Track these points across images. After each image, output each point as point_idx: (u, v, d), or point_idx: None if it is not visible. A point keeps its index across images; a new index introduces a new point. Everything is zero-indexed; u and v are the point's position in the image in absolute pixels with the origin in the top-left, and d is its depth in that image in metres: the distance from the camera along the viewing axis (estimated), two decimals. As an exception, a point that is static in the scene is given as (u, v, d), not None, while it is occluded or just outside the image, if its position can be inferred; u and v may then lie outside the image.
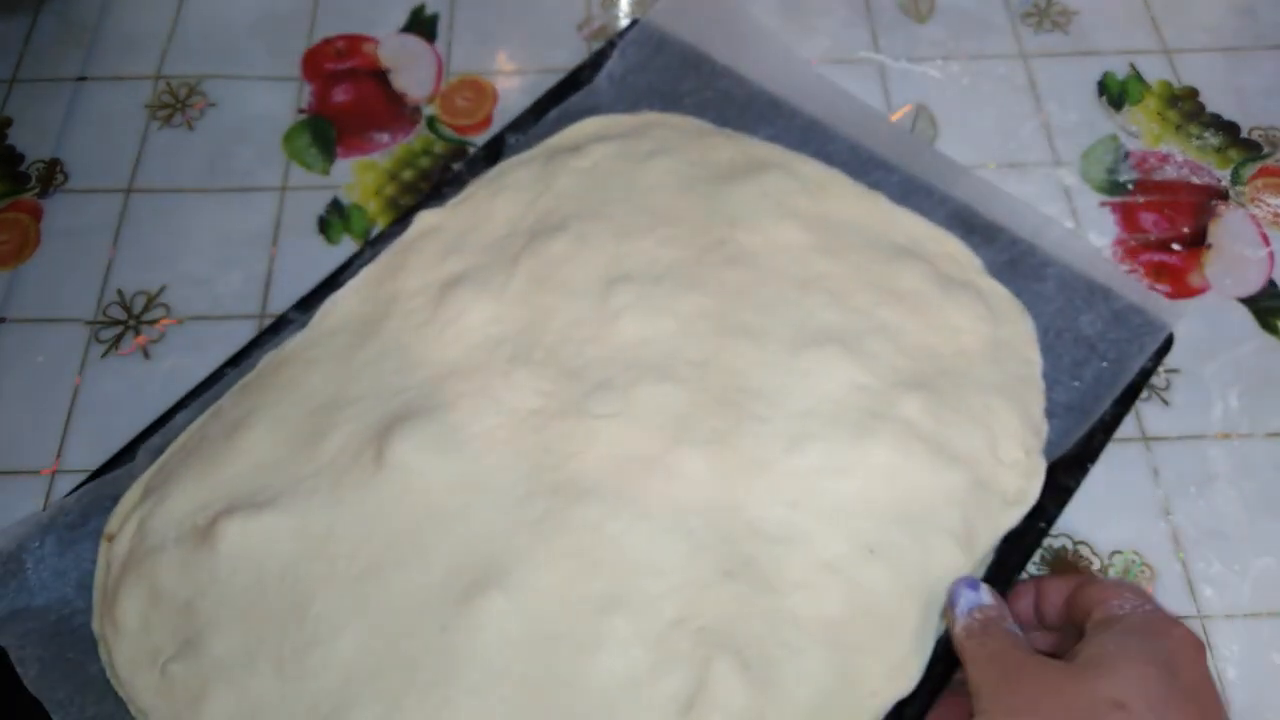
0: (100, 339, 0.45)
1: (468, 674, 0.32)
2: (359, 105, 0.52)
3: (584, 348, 0.38)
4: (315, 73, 0.53)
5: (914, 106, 0.51)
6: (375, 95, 0.52)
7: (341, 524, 0.35)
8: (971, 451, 0.36)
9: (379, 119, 0.51)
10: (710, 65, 0.49)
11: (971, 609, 0.33)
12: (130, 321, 0.45)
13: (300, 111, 0.52)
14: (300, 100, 0.52)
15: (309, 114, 0.52)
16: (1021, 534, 0.36)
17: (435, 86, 0.53)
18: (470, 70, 0.53)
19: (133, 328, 0.45)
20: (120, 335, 0.45)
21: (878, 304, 0.39)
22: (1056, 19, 0.55)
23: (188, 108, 0.52)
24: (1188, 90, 0.52)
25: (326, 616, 0.33)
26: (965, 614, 0.33)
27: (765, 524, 0.35)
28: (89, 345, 0.44)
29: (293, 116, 0.51)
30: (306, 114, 0.52)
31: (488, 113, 0.52)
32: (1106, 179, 0.49)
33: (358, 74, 0.53)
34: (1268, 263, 0.47)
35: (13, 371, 0.44)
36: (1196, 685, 0.29)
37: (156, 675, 0.34)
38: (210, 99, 0.52)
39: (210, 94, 0.52)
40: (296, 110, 0.52)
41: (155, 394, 0.42)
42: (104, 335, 0.45)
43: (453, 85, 0.53)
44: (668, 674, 0.32)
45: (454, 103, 0.52)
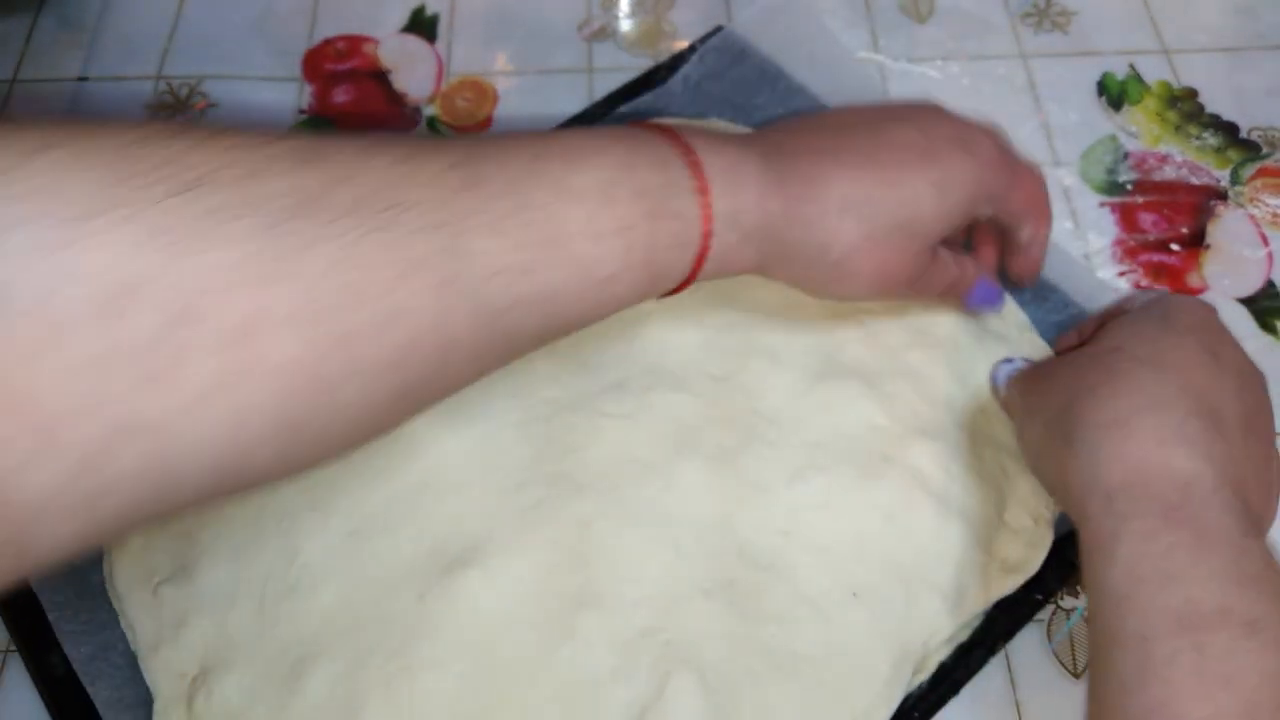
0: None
1: (435, 645, 0.33)
2: (359, 106, 0.52)
3: (607, 345, 0.39)
4: (315, 73, 0.53)
5: (913, 107, 0.51)
6: (376, 96, 0.52)
7: (343, 480, 0.36)
8: (977, 511, 0.36)
9: (380, 119, 0.52)
10: (786, 82, 0.48)
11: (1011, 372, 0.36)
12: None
13: (301, 112, 0.52)
14: (301, 101, 0.52)
15: (309, 114, 0.52)
16: (1016, 602, 0.35)
17: (436, 87, 0.53)
18: (471, 71, 0.53)
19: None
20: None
21: (909, 346, 0.39)
22: (1056, 19, 0.55)
23: (188, 108, 0.52)
24: (1187, 91, 0.52)
25: (312, 567, 0.34)
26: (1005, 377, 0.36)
27: (753, 549, 0.34)
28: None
29: (293, 117, 0.52)
30: (307, 114, 0.52)
31: (488, 113, 0.52)
32: (1106, 179, 0.49)
33: (358, 74, 0.53)
34: (1266, 263, 0.46)
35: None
36: (1194, 325, 0.31)
37: (149, 593, 0.35)
38: (211, 99, 0.52)
39: (211, 94, 0.52)
40: (297, 111, 0.52)
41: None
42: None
43: (453, 86, 0.53)
44: (627, 680, 0.32)
45: (454, 103, 0.52)
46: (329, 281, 0.22)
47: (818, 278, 0.33)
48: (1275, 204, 0.48)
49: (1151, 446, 0.27)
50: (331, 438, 0.25)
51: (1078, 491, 0.28)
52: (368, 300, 0.23)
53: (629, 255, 0.28)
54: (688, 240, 0.29)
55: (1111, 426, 0.28)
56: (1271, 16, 0.54)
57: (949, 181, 0.32)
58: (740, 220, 0.30)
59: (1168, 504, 0.26)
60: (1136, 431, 0.28)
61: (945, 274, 0.36)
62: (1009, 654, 0.37)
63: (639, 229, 0.28)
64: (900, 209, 0.32)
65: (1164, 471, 0.27)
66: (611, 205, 0.27)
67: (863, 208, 0.31)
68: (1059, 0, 0.55)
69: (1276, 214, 0.48)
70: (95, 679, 0.34)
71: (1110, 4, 0.55)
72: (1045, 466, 0.31)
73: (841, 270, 0.32)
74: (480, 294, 0.25)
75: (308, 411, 0.23)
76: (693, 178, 0.29)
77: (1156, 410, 0.28)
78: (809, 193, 0.31)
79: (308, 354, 0.22)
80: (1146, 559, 0.26)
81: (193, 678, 0.33)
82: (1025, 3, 0.55)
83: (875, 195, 0.31)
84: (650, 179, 0.28)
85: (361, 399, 0.24)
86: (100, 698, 0.34)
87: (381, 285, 0.23)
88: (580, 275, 0.27)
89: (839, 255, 0.31)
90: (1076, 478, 0.28)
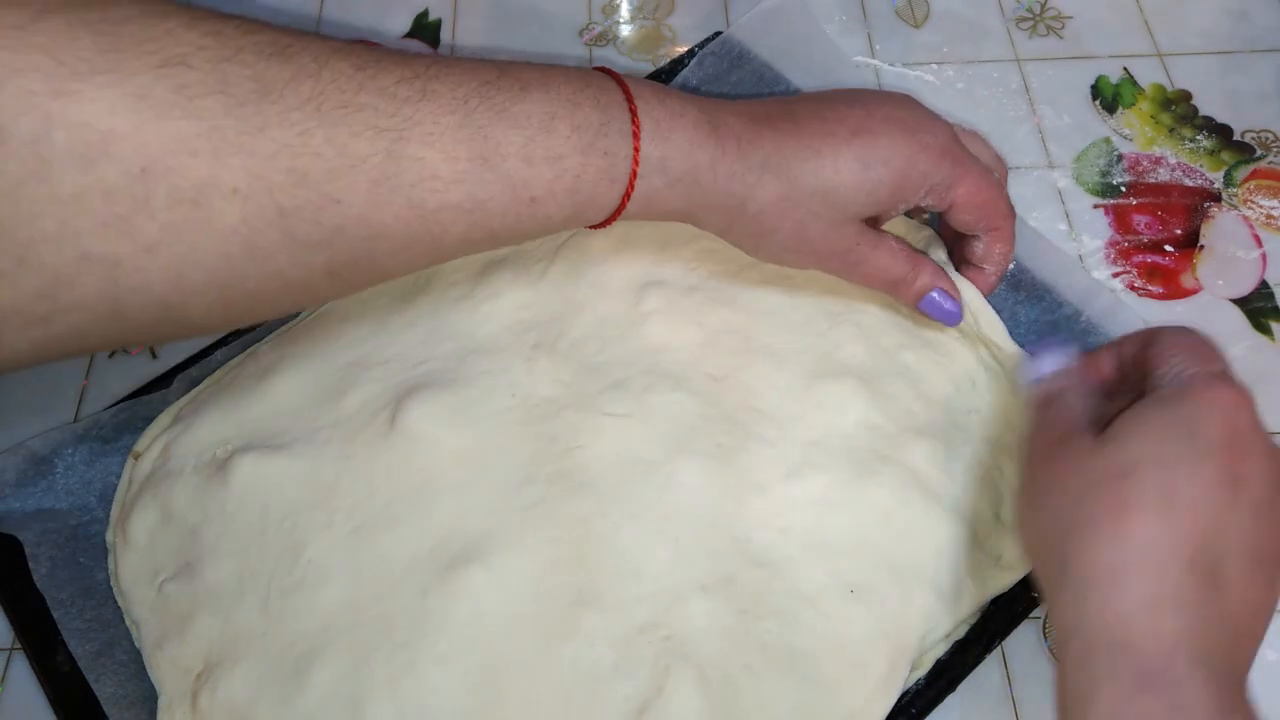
0: (107, 340, 0.45)
1: (438, 642, 0.33)
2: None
3: (607, 345, 0.39)
4: (318, 78, 0.54)
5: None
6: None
7: (347, 478, 0.36)
8: (972, 509, 0.36)
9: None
10: (785, 86, 0.49)
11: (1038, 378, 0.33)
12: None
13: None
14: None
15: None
16: (1012, 599, 0.36)
17: (437, 91, 0.53)
18: (472, 75, 0.54)
19: (139, 329, 0.46)
20: (128, 336, 0.45)
21: (904, 347, 0.39)
22: (1050, 23, 0.55)
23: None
24: (1181, 93, 0.52)
25: (317, 563, 0.35)
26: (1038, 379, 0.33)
27: (751, 546, 0.35)
28: (96, 346, 0.45)
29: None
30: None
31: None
32: (1100, 181, 0.49)
33: (360, 79, 0.54)
34: (1260, 264, 0.47)
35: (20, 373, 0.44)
36: (1217, 442, 0.27)
37: (154, 591, 0.36)
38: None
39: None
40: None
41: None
42: (111, 337, 0.45)
43: (454, 90, 0.53)
44: (628, 676, 0.32)
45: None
46: (277, 163, 0.26)
47: (740, 230, 0.34)
48: (1269, 206, 0.49)
49: (1140, 606, 0.26)
50: (262, 300, 0.28)
51: (1060, 630, 0.27)
52: (308, 185, 0.26)
53: (556, 182, 0.30)
54: (615, 177, 0.31)
55: (1103, 580, 0.27)
56: (1264, 20, 0.55)
57: (873, 156, 0.33)
58: (668, 166, 0.32)
59: (1146, 671, 0.25)
60: (1128, 589, 0.26)
61: (890, 265, 0.36)
62: (1005, 651, 0.37)
63: (570, 160, 0.30)
64: (818, 174, 0.33)
65: (1148, 635, 0.26)
66: (548, 135, 0.30)
67: (780, 168, 0.33)
68: (1053, 4, 0.56)
69: (1270, 215, 0.48)
70: (100, 676, 0.34)
71: (1104, 8, 0.55)
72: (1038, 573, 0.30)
73: (760, 225, 0.34)
74: (411, 195, 0.28)
75: (242, 273, 0.27)
76: (629, 121, 0.31)
77: (1154, 567, 0.26)
78: (736, 149, 0.32)
79: (248, 223, 0.26)
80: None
81: (197, 674, 0.34)
82: (1020, 7, 0.56)
83: (795, 158, 0.33)
84: (590, 116, 0.30)
85: (292, 270, 0.27)
86: (104, 694, 0.34)
87: (322, 173, 0.26)
88: (508, 193, 0.29)
89: (756, 210, 0.33)
90: (1061, 616, 0.27)
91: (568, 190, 0.30)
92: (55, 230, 0.24)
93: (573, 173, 0.30)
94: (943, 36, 0.54)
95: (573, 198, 0.31)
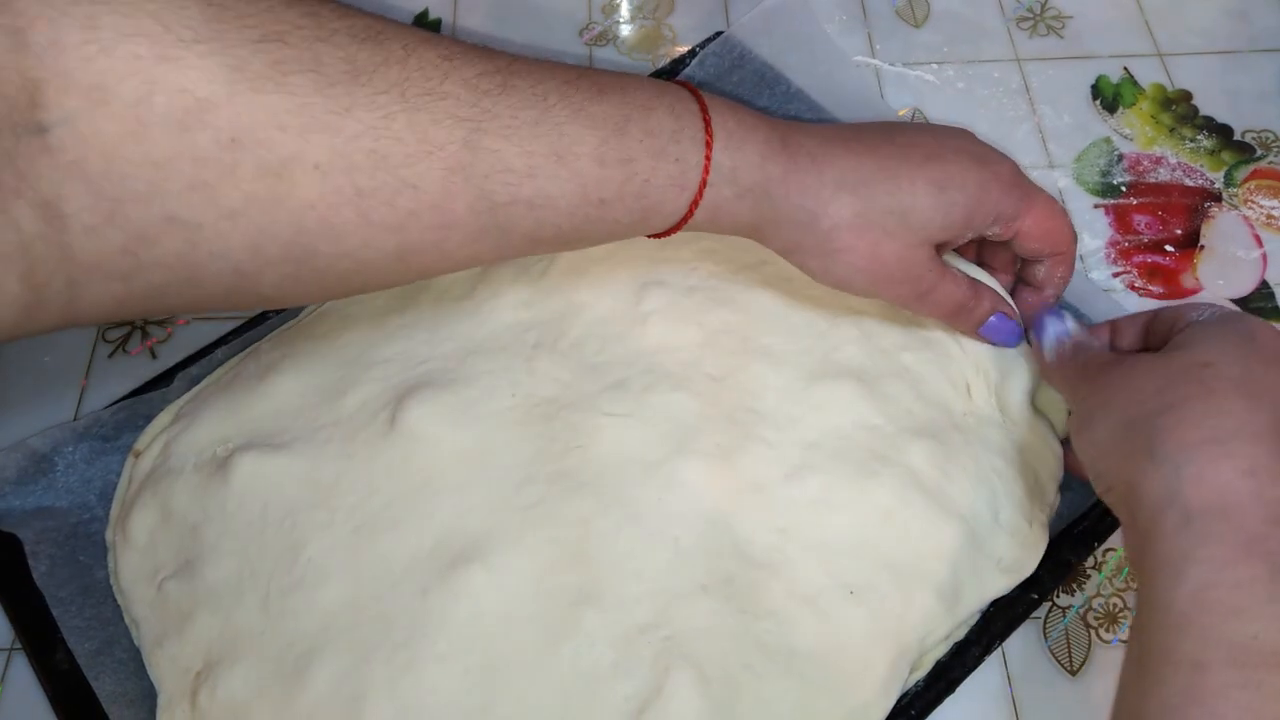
0: (107, 339, 0.45)
1: (437, 641, 0.33)
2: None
3: (607, 345, 0.39)
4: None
5: (909, 110, 0.52)
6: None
7: (347, 478, 0.36)
8: (972, 510, 0.36)
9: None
10: (785, 86, 0.49)
11: (1061, 336, 0.35)
12: (138, 322, 0.45)
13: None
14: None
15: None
16: (1012, 602, 0.36)
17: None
18: (472, 75, 0.54)
19: (140, 328, 0.45)
20: (127, 336, 0.45)
21: (903, 347, 0.39)
22: (1051, 23, 0.55)
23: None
24: (1181, 93, 0.52)
25: (317, 562, 0.35)
26: (1054, 343, 0.35)
27: (751, 546, 0.35)
28: (96, 345, 0.45)
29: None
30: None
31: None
32: (1100, 181, 0.49)
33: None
34: (1260, 264, 0.47)
35: (20, 373, 0.44)
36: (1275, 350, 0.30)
37: (153, 590, 0.36)
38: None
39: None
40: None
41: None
42: (111, 336, 0.45)
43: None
44: (627, 675, 0.32)
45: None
46: (359, 144, 0.26)
47: (809, 249, 0.34)
48: (1269, 205, 0.49)
49: (1242, 473, 0.27)
50: (331, 278, 0.28)
51: (1151, 504, 0.27)
52: (386, 168, 0.27)
53: (626, 185, 0.30)
54: (685, 184, 0.31)
55: (1202, 445, 0.27)
56: (1264, 20, 0.55)
57: (949, 181, 0.33)
58: (739, 177, 0.32)
59: (1250, 535, 0.25)
60: (1228, 456, 0.27)
61: (954, 292, 0.36)
62: (1006, 651, 0.37)
63: (641, 163, 0.30)
64: (895, 195, 0.33)
65: (1252, 502, 0.26)
66: (622, 137, 0.30)
67: (858, 187, 0.33)
68: (1054, 4, 0.56)
69: (1270, 215, 0.48)
70: (99, 674, 0.34)
71: (1104, 8, 0.55)
72: (1110, 467, 0.30)
73: (832, 244, 0.33)
74: (484, 186, 0.28)
75: (315, 249, 0.27)
76: (702, 130, 0.31)
77: (1250, 439, 0.27)
78: (810, 164, 0.32)
79: (325, 199, 0.26)
80: (1218, 587, 0.25)
81: (196, 673, 0.34)
82: (1020, 7, 0.56)
83: (872, 178, 0.33)
84: (664, 122, 0.31)
85: (364, 250, 0.28)
86: (104, 692, 0.34)
87: (401, 158, 0.27)
88: (578, 192, 0.30)
89: (829, 226, 0.33)
90: (1153, 490, 0.27)
91: (636, 194, 0.30)
92: (144, 190, 0.24)
93: (642, 176, 0.30)
94: (943, 36, 0.54)
95: (640, 202, 0.31)
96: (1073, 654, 0.37)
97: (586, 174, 0.29)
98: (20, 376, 0.44)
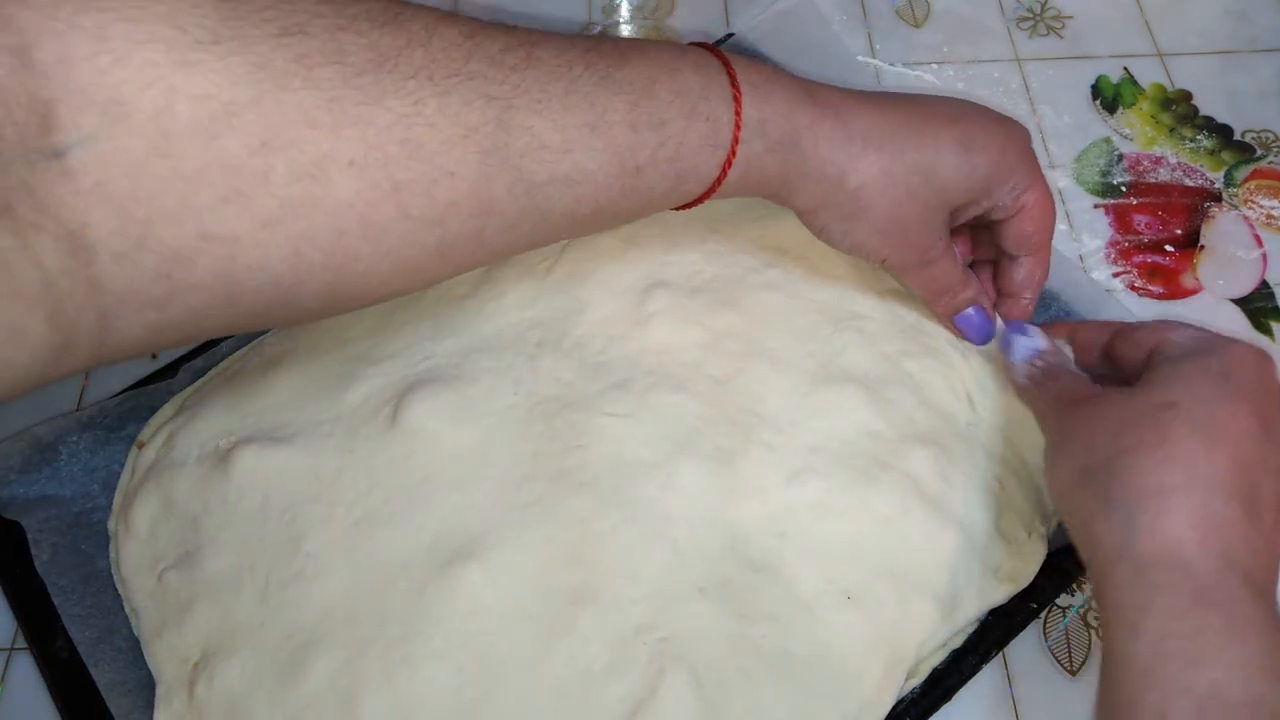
0: (109, 338, 0.46)
1: (433, 637, 0.33)
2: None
3: (611, 345, 0.39)
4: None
5: (909, 110, 0.52)
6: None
7: (348, 472, 0.36)
8: (972, 519, 0.36)
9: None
10: None
11: (1031, 355, 0.35)
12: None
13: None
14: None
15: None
16: (1011, 611, 0.36)
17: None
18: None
19: (141, 327, 0.46)
20: (129, 334, 0.46)
21: (906, 354, 0.39)
22: (1050, 23, 0.55)
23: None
24: (1181, 93, 0.52)
25: (316, 556, 0.35)
26: (1025, 360, 0.35)
27: (749, 550, 0.35)
28: (97, 344, 0.45)
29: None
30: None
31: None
32: (1100, 181, 0.49)
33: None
34: (1260, 264, 0.47)
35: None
36: (1251, 387, 0.29)
37: (154, 580, 0.36)
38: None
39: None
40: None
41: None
42: (113, 334, 0.46)
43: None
44: (621, 676, 0.32)
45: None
46: (392, 134, 0.25)
47: (834, 208, 0.33)
48: (1269, 205, 0.49)
49: (1191, 525, 0.27)
50: (374, 280, 0.27)
51: (1105, 553, 0.28)
52: (422, 156, 0.25)
53: (661, 149, 0.30)
54: (718, 143, 0.31)
55: (1153, 497, 0.27)
56: (1264, 19, 0.55)
57: (974, 141, 0.33)
58: (767, 129, 0.31)
59: (1200, 585, 0.26)
60: (1178, 508, 0.27)
61: (951, 270, 0.36)
62: (1006, 651, 0.37)
63: (674, 124, 0.30)
64: (921, 151, 0.33)
65: (1200, 552, 0.26)
66: (652, 100, 0.29)
67: (884, 142, 0.32)
68: (1054, 4, 0.56)
69: (1270, 215, 0.48)
70: (98, 662, 0.35)
71: (1104, 8, 0.55)
72: (1070, 507, 0.30)
73: (857, 203, 0.33)
74: (521, 166, 0.27)
75: (356, 252, 0.26)
76: (729, 85, 0.31)
77: (1202, 489, 0.27)
78: (836, 116, 0.32)
79: (364, 197, 0.25)
80: (1173, 637, 0.25)
81: (195, 663, 0.34)
82: (1020, 7, 0.56)
83: (898, 133, 0.32)
84: (691, 81, 0.30)
85: (405, 247, 0.27)
86: (103, 680, 0.34)
87: (436, 145, 0.26)
88: (614, 162, 0.29)
89: (856, 184, 0.32)
90: (1107, 540, 0.28)
91: (670, 159, 0.30)
92: (175, 208, 0.23)
93: (676, 139, 0.30)
94: (943, 36, 0.54)
95: (674, 166, 0.30)
96: (1073, 654, 0.37)
97: (620, 142, 0.29)
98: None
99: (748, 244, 0.42)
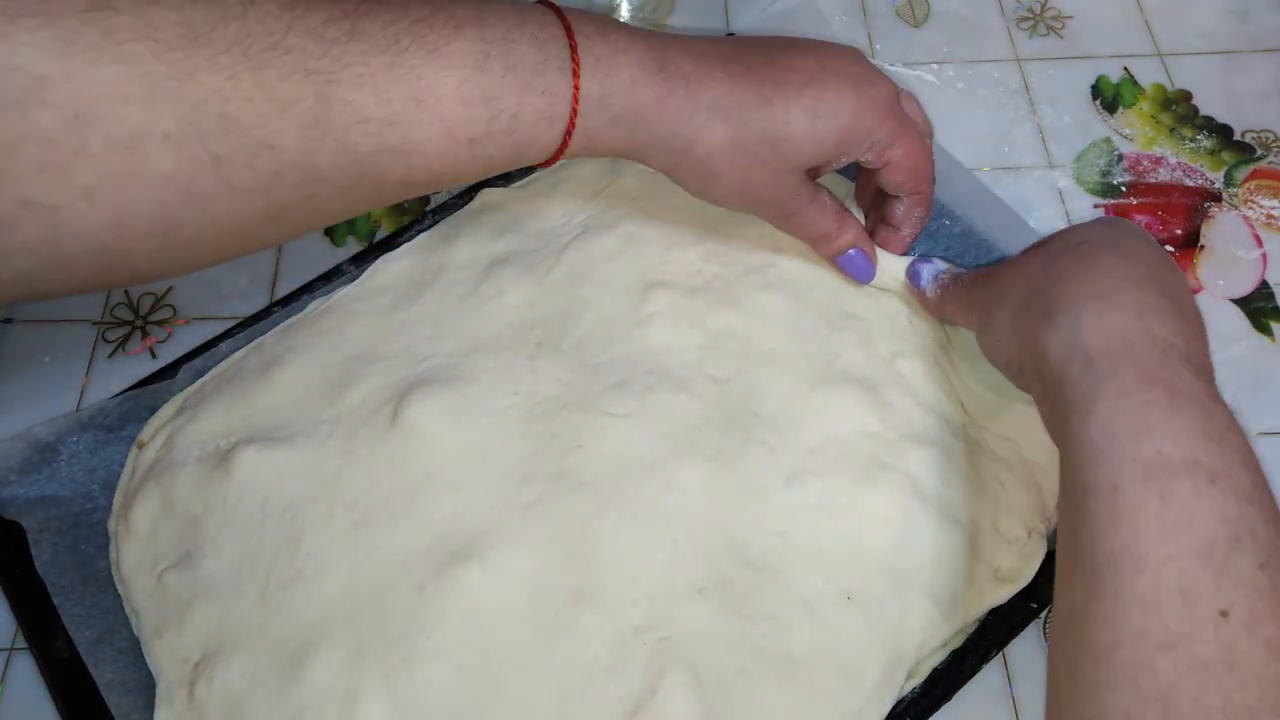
0: (107, 339, 0.45)
1: (433, 637, 0.33)
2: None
3: (610, 345, 0.39)
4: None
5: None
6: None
7: (348, 472, 0.37)
8: (971, 519, 0.36)
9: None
10: None
11: (938, 275, 0.39)
12: (137, 322, 0.46)
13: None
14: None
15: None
16: (1011, 611, 0.35)
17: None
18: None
19: (140, 328, 0.45)
20: (127, 336, 0.45)
21: (901, 355, 0.39)
22: (1050, 23, 0.55)
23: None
24: (1181, 93, 0.52)
25: (316, 556, 0.35)
26: (933, 280, 0.38)
27: (749, 550, 0.35)
28: (96, 345, 0.45)
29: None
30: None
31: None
32: (1100, 181, 0.49)
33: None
34: (1260, 264, 0.47)
35: (20, 372, 0.44)
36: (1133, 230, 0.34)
37: (154, 580, 0.36)
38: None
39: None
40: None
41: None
42: (111, 336, 0.45)
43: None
44: (621, 676, 0.32)
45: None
46: (207, 109, 0.25)
47: (686, 172, 0.34)
48: (1269, 205, 0.49)
49: (1131, 316, 0.29)
50: (203, 246, 0.28)
51: (1056, 358, 0.30)
52: (238, 130, 0.26)
53: (494, 122, 0.30)
54: (555, 116, 0.31)
55: (1094, 299, 0.30)
56: (1264, 20, 0.55)
57: (823, 108, 0.34)
58: (609, 104, 0.32)
59: (1145, 366, 0.28)
60: (1118, 304, 0.30)
61: (820, 219, 0.37)
62: (1005, 651, 0.37)
63: (506, 99, 0.30)
64: (768, 122, 0.33)
65: (1143, 338, 0.29)
66: (483, 74, 0.29)
67: (730, 112, 0.33)
68: (1054, 4, 0.56)
69: (1270, 215, 0.48)
70: (98, 662, 0.35)
71: (1104, 8, 0.55)
72: (1014, 345, 0.33)
73: (706, 169, 0.34)
74: (344, 139, 0.28)
75: (180, 220, 0.26)
76: (569, 58, 0.31)
77: (1134, 288, 0.30)
78: (684, 89, 0.32)
79: (182, 170, 0.26)
80: (1122, 415, 0.27)
81: (195, 663, 0.34)
82: (1020, 7, 0.56)
83: (745, 102, 0.33)
84: (526, 55, 0.30)
85: (230, 216, 0.27)
86: (103, 680, 0.34)
87: (253, 119, 0.26)
88: (444, 134, 0.29)
89: (703, 153, 0.33)
90: (1057, 346, 0.30)
91: (505, 131, 0.30)
92: None
93: (509, 113, 0.30)
94: (943, 36, 0.54)
95: (511, 137, 0.31)
96: (1072, 655, 0.37)
97: (450, 115, 0.29)
98: (21, 376, 0.44)
99: (747, 244, 0.42)
